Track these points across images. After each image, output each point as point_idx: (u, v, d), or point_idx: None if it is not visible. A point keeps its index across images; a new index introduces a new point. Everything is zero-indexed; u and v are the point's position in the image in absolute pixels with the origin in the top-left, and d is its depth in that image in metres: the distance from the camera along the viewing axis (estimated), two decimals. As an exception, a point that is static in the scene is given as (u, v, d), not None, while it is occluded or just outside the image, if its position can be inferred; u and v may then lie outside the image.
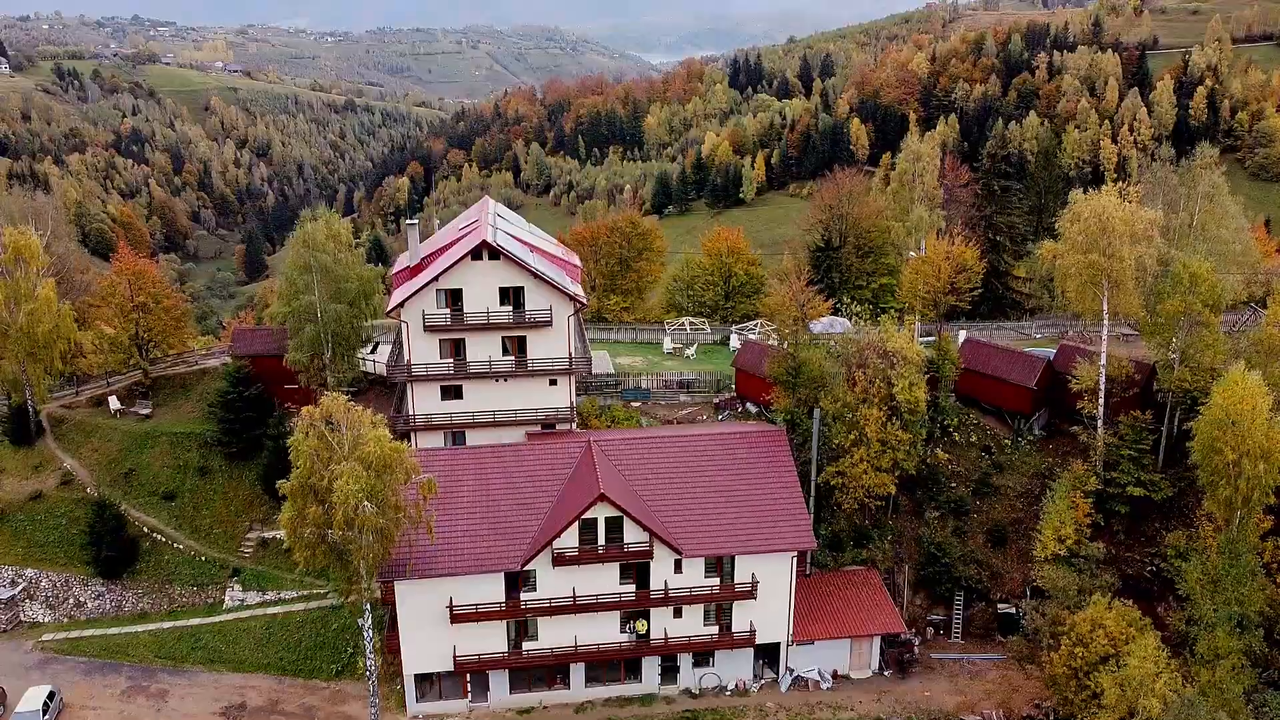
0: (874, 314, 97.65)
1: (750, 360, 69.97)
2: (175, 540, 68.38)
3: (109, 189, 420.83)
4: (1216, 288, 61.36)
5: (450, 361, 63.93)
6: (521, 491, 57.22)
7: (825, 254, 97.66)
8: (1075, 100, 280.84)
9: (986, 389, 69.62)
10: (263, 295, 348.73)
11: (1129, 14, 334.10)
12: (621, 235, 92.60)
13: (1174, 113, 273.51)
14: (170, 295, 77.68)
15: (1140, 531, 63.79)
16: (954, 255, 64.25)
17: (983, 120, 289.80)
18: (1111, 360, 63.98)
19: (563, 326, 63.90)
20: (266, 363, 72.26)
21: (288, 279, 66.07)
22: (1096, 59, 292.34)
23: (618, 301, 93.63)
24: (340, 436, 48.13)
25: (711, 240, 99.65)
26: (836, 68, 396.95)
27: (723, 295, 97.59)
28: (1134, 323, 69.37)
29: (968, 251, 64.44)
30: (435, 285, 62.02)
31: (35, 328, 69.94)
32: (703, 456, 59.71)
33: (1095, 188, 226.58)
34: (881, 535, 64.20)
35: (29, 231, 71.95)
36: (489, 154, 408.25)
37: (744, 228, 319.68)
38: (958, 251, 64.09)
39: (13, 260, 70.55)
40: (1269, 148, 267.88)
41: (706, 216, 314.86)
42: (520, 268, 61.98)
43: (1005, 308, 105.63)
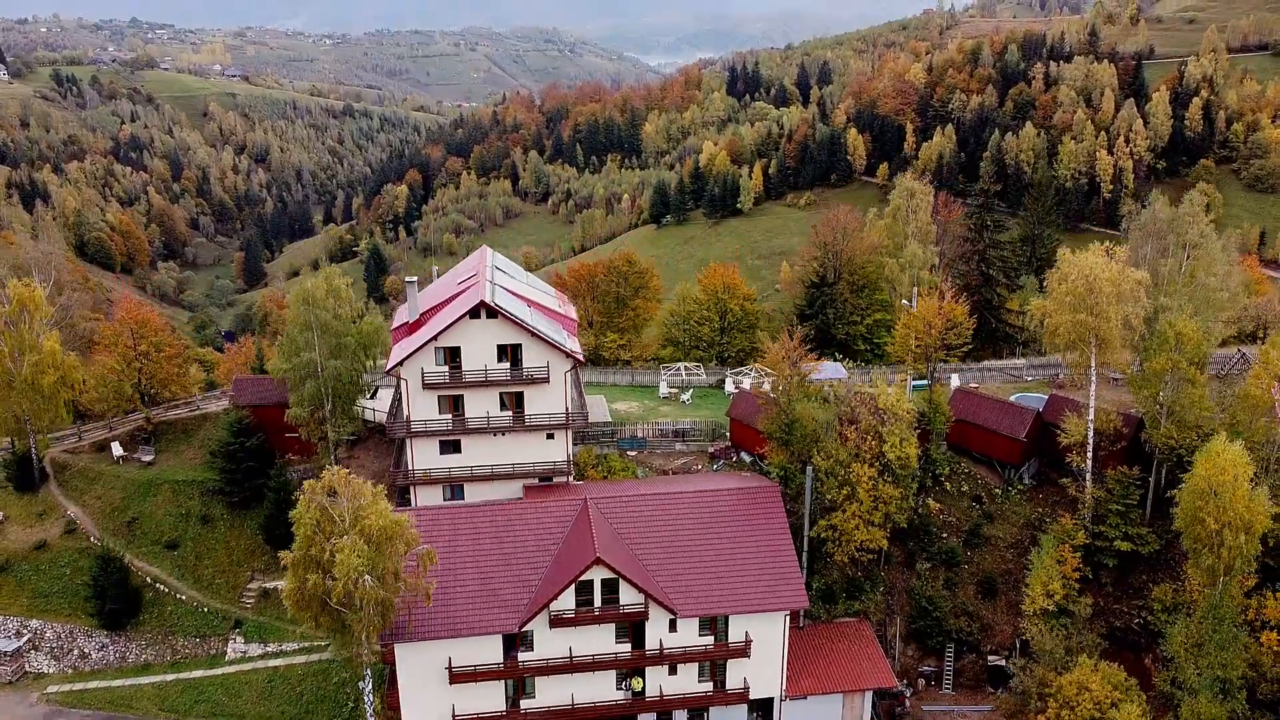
0: (868, 349, 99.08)
1: (744, 411, 70.97)
2: (178, 590, 69.39)
3: (108, 197, 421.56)
4: (1202, 346, 62.41)
5: (449, 417, 64.84)
6: (519, 551, 58.19)
7: (820, 289, 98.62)
8: (1072, 111, 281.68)
9: (977, 439, 70.64)
10: (261, 304, 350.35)
11: (1125, 23, 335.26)
12: (618, 274, 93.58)
13: (1170, 124, 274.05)
14: (172, 343, 78.51)
15: (1128, 583, 64.84)
16: (945, 311, 65.28)
17: (979, 131, 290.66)
18: (1100, 414, 65.00)
19: (560, 382, 64.84)
20: (267, 412, 73.26)
21: (288, 336, 66.99)
22: (1093, 70, 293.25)
23: (614, 339, 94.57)
24: (341, 509, 49.10)
25: (707, 276, 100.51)
26: (834, 75, 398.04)
27: (718, 331, 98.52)
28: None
29: (958, 309, 65.46)
30: (434, 343, 62.96)
31: (40, 379, 70.91)
32: (697, 514, 60.68)
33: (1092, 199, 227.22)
34: (874, 587, 65.23)
35: (32, 283, 72.86)
36: (487, 162, 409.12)
37: (742, 238, 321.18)
38: (948, 308, 65.13)
39: (17, 312, 71.46)
40: (1264, 159, 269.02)
41: (705, 227, 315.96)
42: (518, 326, 62.93)
43: (998, 340, 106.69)
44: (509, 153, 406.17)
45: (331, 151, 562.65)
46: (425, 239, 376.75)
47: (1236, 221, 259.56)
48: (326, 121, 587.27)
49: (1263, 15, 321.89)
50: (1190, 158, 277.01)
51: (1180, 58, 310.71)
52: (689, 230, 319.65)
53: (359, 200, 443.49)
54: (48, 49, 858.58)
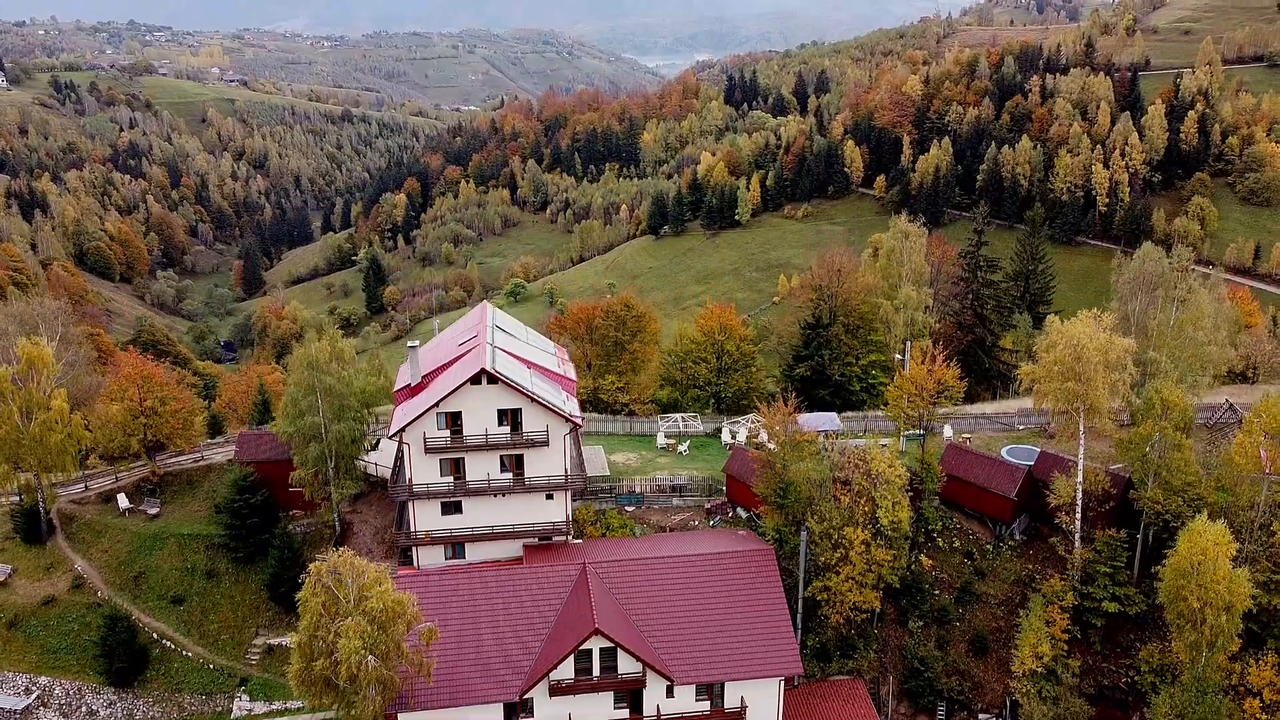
0: (863, 390, 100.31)
1: (740, 468, 72.25)
2: (184, 647, 70.63)
3: (107, 205, 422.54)
4: (1188, 412, 63.74)
5: (450, 479, 66.16)
6: (519, 618, 59.44)
7: (815, 331, 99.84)
8: (1068, 124, 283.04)
9: (969, 495, 71.92)
10: (260, 314, 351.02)
11: (1121, 34, 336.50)
12: (616, 318, 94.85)
13: (1165, 137, 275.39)
14: (178, 396, 79.66)
15: (1116, 641, 66.17)
16: (936, 374, 66.60)
17: (976, 144, 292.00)
18: (1088, 474, 66.30)
19: (559, 445, 66.14)
20: (271, 467, 74.48)
21: (292, 399, 68.17)
22: (1089, 82, 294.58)
23: (613, 380, 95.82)
24: (346, 589, 50.38)
25: (704, 317, 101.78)
26: (832, 83, 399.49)
27: (715, 372, 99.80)
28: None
29: (949, 372, 66.78)
30: (436, 409, 64.20)
31: (48, 437, 72.06)
32: (694, 579, 61.97)
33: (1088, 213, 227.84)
34: (867, 645, 66.55)
35: (41, 341, 74.01)
36: (486, 170, 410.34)
37: (740, 250, 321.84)
38: (939, 372, 66.45)
39: (26, 370, 72.60)
40: (1259, 172, 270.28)
41: (703, 238, 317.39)
42: (518, 392, 64.17)
43: (992, 378, 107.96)
44: (507, 161, 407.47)
45: (330, 157, 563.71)
46: (424, 248, 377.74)
47: (1232, 235, 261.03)
48: (325, 127, 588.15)
49: (1258, 27, 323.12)
50: (1186, 170, 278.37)
51: (1176, 69, 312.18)
52: (687, 241, 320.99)
53: (358, 208, 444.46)
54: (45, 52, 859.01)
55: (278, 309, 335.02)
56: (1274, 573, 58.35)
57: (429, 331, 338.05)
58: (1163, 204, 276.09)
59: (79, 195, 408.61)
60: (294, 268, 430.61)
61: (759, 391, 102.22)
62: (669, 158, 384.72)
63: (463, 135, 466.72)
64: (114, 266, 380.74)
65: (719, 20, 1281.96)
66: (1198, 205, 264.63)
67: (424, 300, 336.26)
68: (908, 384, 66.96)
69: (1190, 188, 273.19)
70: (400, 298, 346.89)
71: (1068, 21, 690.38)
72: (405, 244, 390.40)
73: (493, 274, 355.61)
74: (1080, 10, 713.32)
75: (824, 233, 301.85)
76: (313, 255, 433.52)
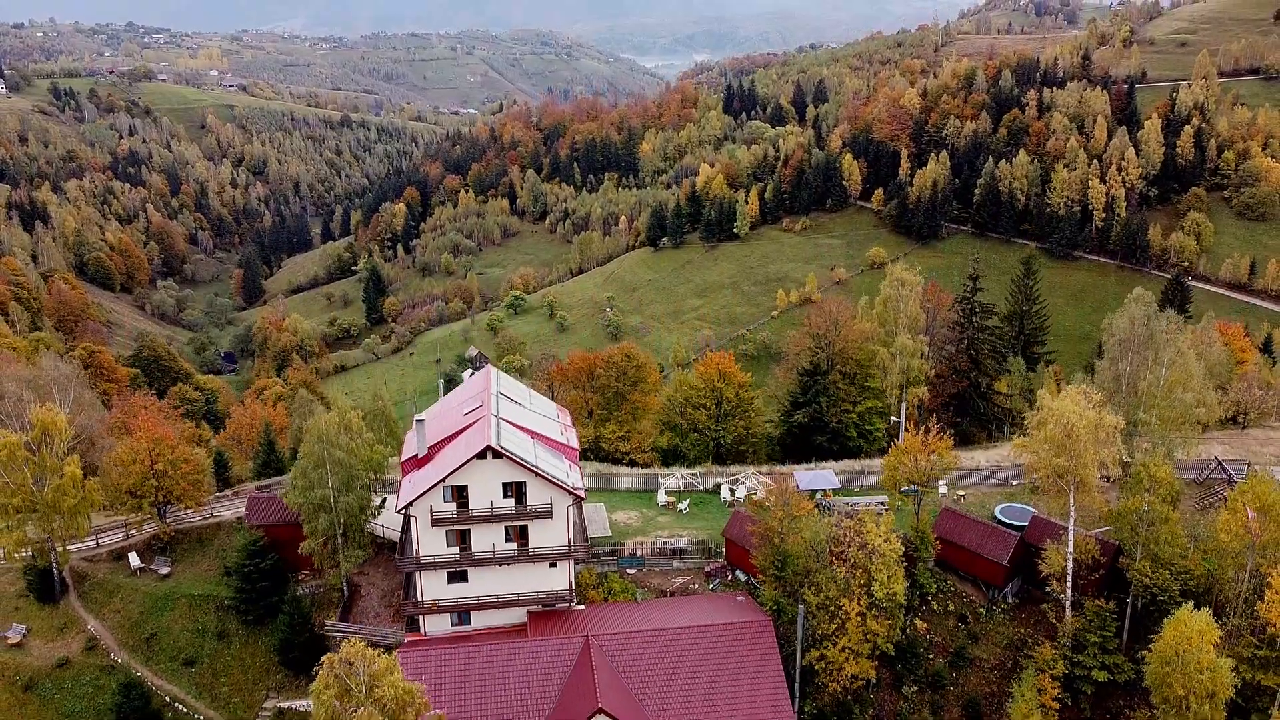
0: (860, 436, 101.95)
1: (739, 532, 73.88)
2: (196, 710, 72.24)
3: (107, 215, 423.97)
4: (1175, 484, 65.42)
5: (456, 549, 67.81)
6: (524, 694, 61.12)
7: (813, 378, 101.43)
8: (1064, 138, 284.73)
9: (962, 559, 73.58)
10: (260, 325, 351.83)
11: (1118, 46, 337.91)
12: (617, 369, 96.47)
13: (1161, 151, 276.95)
14: (189, 458, 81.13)
15: (1106, 708, 67.84)
16: (930, 445, 68.27)
17: (974, 157, 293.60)
18: (1078, 543, 67.96)
19: (562, 515, 67.79)
20: (280, 530, 76.07)
21: (302, 470, 69.72)
22: (1085, 96, 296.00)
23: (614, 429, 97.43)
24: (358, 679, 51.99)
25: (703, 364, 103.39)
26: (830, 93, 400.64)
27: (714, 419, 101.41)
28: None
29: (943, 443, 68.43)
30: (443, 484, 65.82)
31: (61, 502, 73.64)
32: (694, 651, 63.72)
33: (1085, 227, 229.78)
34: (863, 710, 68.20)
35: (54, 408, 75.54)
36: (485, 180, 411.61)
37: (738, 263, 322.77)
38: (933, 444, 68.12)
39: (40, 436, 74.15)
40: (1255, 187, 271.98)
41: (701, 251, 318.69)
42: (522, 466, 65.79)
43: (987, 421, 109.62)
44: (506, 171, 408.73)
45: (329, 163, 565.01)
46: (424, 258, 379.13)
47: (1228, 251, 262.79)
48: (324, 133, 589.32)
49: (1254, 39, 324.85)
50: (1182, 185, 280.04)
51: (1172, 81, 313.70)
52: (686, 254, 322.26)
53: (357, 216, 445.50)
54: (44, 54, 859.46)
55: (278, 321, 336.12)
56: (1257, 648, 60.02)
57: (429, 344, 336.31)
58: (1159, 219, 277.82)
59: (79, 205, 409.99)
60: (294, 276, 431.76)
61: (757, 437, 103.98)
62: (667, 167, 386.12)
63: (462, 144, 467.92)
64: (114, 277, 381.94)
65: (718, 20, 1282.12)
66: (1194, 221, 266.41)
67: (424, 312, 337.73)
68: (904, 457, 68.60)
69: (1186, 202, 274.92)
70: (400, 309, 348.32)
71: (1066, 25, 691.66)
72: (405, 253, 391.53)
73: (492, 284, 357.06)
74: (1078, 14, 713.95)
75: (822, 246, 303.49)
76: (313, 264, 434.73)
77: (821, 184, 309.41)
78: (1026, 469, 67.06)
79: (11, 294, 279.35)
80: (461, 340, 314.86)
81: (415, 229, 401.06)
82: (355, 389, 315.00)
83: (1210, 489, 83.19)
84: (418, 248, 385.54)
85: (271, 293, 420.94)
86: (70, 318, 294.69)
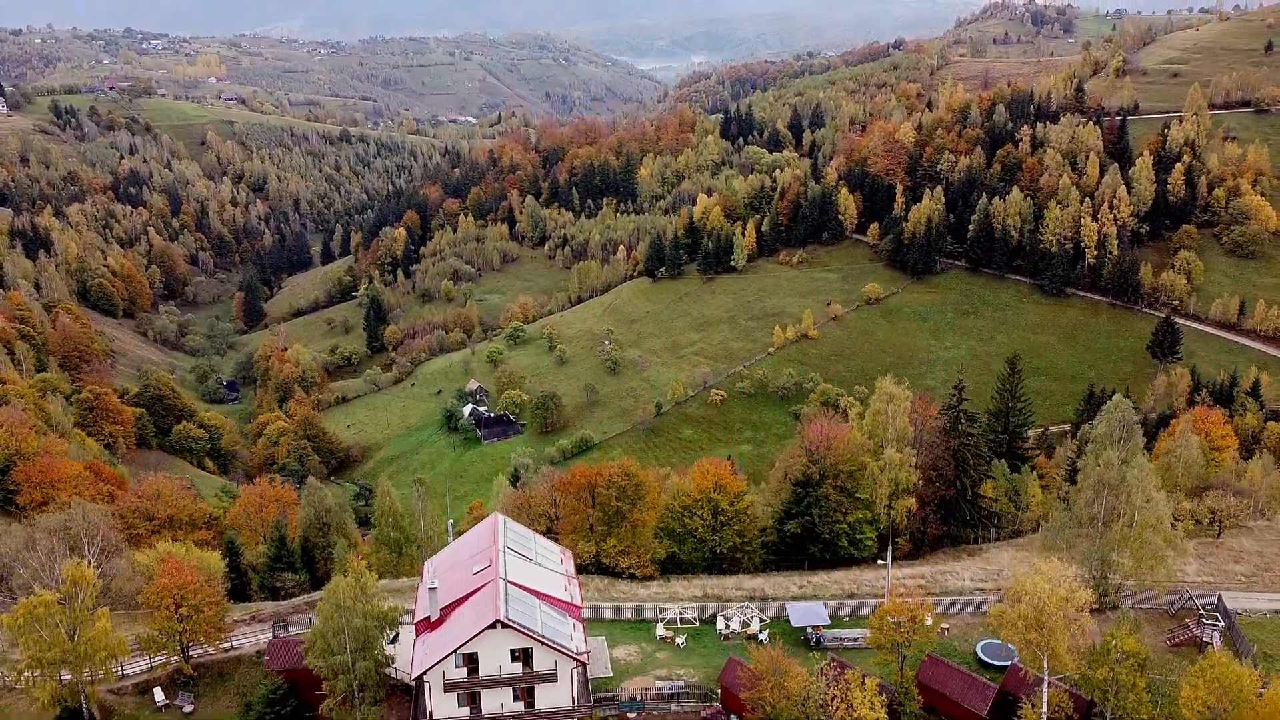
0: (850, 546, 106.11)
1: (733, 679, 77.95)
2: None
3: (109, 239, 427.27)
4: (1143, 653, 69.69)
5: (467, 710, 71.97)
6: None
7: (806, 489, 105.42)
8: (1057, 175, 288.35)
9: (945, 705, 77.67)
10: (262, 352, 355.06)
11: (1111, 77, 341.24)
12: (617, 487, 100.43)
13: (1153, 189, 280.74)
14: (212, 601, 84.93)
15: None
16: (913, 608, 72.51)
17: (968, 192, 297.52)
18: (1052, 699, 72.23)
19: (566, 677, 71.99)
20: (300, 673, 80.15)
21: (321, 635, 73.70)
22: (1079, 132, 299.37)
23: (614, 544, 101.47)
24: None
25: (699, 475, 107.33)
26: (826, 117, 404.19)
27: (711, 529, 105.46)
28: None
29: (924, 609, 72.57)
30: (455, 653, 69.99)
31: (93, 653, 77.74)
32: (690, 813, 68.09)
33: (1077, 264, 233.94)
34: None
35: (82, 564, 79.55)
36: (484, 204, 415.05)
37: (735, 297, 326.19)
38: (915, 608, 72.35)
39: (71, 590, 78.19)
40: (1244, 225, 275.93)
41: (699, 283, 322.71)
42: (529, 636, 69.98)
43: (974, 525, 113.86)
44: (505, 195, 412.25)
45: (329, 178, 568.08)
46: (424, 284, 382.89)
47: (1218, 290, 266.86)
48: (323, 148, 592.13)
49: (1246, 70, 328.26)
50: (1173, 221, 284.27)
51: (1164, 114, 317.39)
52: (683, 285, 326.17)
53: (357, 238, 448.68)
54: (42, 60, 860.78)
55: (280, 352, 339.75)
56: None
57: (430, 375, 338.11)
58: (1151, 255, 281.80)
59: (81, 230, 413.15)
60: (294, 299, 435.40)
61: (753, 546, 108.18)
62: (665, 193, 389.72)
63: (461, 166, 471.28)
64: (117, 303, 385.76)
65: (716, 22, 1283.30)
66: (1184, 259, 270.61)
67: (424, 341, 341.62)
68: (888, 622, 72.84)
69: (1177, 240, 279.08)
70: (401, 337, 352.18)
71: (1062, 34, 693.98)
72: (405, 278, 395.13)
73: (492, 312, 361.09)
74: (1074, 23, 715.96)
75: (818, 280, 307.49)
76: (313, 286, 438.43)
77: (818, 217, 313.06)
78: (1003, 636, 71.20)
79: (17, 331, 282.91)
80: (462, 372, 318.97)
81: (415, 253, 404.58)
82: (357, 421, 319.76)
83: (1182, 622, 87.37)
84: (417, 273, 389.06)
85: (272, 315, 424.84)
86: (75, 353, 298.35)
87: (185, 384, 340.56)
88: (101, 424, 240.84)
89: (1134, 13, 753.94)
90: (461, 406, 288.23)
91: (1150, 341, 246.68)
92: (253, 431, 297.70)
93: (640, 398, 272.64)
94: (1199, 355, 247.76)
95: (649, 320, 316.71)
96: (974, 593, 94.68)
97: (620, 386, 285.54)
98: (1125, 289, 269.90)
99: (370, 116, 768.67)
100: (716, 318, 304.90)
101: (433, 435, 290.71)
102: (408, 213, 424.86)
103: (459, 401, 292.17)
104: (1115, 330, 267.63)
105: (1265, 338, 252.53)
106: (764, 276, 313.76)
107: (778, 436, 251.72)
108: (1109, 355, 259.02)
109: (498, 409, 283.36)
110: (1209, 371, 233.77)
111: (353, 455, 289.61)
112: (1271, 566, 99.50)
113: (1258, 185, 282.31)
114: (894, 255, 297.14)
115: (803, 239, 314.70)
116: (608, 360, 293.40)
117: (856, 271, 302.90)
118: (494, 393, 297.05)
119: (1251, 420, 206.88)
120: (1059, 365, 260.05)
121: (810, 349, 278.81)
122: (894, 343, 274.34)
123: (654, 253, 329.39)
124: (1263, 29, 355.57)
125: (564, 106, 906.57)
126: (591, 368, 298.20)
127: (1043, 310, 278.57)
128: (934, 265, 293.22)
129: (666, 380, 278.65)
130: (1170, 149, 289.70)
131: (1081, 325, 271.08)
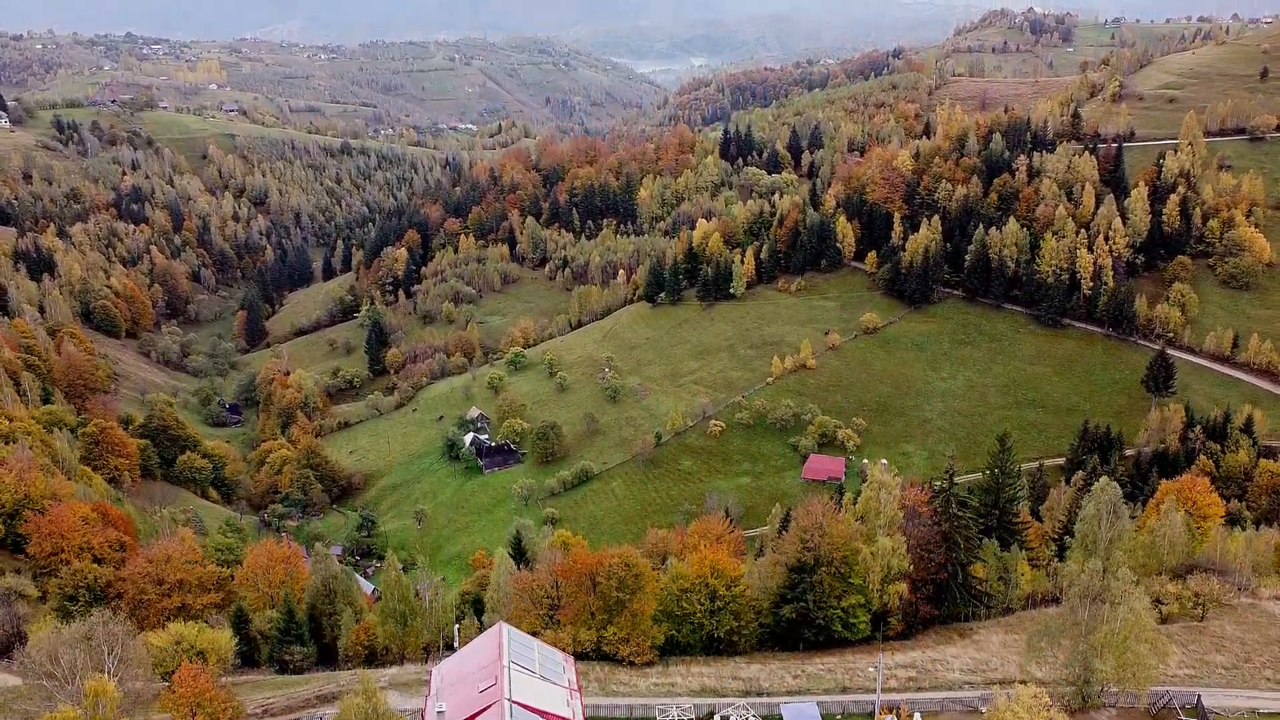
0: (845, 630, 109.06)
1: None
2: None
3: (111, 258, 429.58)
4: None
5: (472, 824, 75.06)
6: None
7: (801, 574, 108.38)
8: (1054, 206, 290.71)
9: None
10: (264, 374, 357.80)
11: (1107, 103, 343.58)
12: (617, 578, 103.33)
13: (1148, 219, 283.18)
14: (227, 705, 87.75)
15: None
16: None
17: (965, 222, 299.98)
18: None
19: (568, 796, 75.08)
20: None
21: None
22: (1074, 163, 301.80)
23: (614, 632, 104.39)
24: None
25: (695, 562, 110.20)
26: (825, 138, 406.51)
27: (709, 613, 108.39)
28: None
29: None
30: (461, 776, 73.03)
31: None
32: None
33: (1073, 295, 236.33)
34: None
35: (103, 678, 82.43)
36: (485, 224, 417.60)
37: (734, 324, 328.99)
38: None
39: (94, 704, 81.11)
40: (1238, 257, 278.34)
41: (698, 309, 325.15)
42: (531, 759, 73.00)
43: (965, 605, 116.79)
44: (506, 215, 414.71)
45: (330, 191, 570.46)
46: (425, 305, 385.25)
47: (1212, 322, 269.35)
48: (324, 161, 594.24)
49: (1241, 97, 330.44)
50: (1168, 252, 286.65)
51: (1160, 141, 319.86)
52: (683, 312, 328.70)
53: (359, 256, 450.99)
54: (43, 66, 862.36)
55: (281, 377, 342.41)
56: None
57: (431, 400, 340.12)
58: (1146, 286, 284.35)
59: (84, 250, 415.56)
60: (296, 317, 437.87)
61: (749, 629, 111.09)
62: (665, 214, 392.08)
63: (462, 184, 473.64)
64: (120, 324, 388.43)
65: (715, 24, 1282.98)
66: (1179, 291, 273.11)
67: (426, 366, 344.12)
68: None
69: (1172, 271, 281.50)
70: (402, 360, 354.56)
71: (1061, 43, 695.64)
72: (406, 298, 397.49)
73: (493, 334, 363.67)
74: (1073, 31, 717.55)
75: (817, 309, 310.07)
76: (314, 305, 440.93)
77: (816, 245, 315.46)
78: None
79: (23, 362, 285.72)
80: (463, 397, 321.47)
81: (416, 273, 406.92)
82: (360, 447, 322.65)
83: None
84: (419, 293, 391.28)
85: (274, 334, 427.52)
86: (79, 381, 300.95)
87: (188, 407, 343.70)
88: (107, 458, 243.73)
89: (1133, 21, 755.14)
90: (463, 435, 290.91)
91: (1145, 375, 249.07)
92: (256, 459, 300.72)
93: (640, 427, 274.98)
94: (1193, 389, 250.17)
95: (648, 347, 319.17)
96: (963, 686, 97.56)
97: (620, 415, 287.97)
98: (1120, 320, 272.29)
99: (371, 124, 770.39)
100: (716, 345, 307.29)
101: (434, 464, 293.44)
102: (409, 232, 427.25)
103: (460, 430, 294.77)
104: (1110, 362, 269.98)
105: (1259, 371, 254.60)
106: (763, 304, 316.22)
107: (776, 469, 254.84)
108: (1104, 388, 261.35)
109: (499, 437, 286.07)
110: (1203, 405, 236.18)
111: (355, 483, 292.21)
112: (1252, 657, 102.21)
113: (1252, 216, 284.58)
114: (891, 284, 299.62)
115: (801, 266, 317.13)
116: (608, 388, 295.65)
117: (854, 300, 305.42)
118: (495, 420, 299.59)
119: (1244, 457, 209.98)
120: (1054, 398, 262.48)
121: (808, 379, 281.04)
122: (891, 373, 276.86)
123: (654, 278, 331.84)
124: (1258, 54, 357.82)
125: (564, 112, 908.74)
126: (591, 395, 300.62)
127: (1039, 341, 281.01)
128: (931, 294, 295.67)
129: (666, 409, 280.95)
130: (1166, 179, 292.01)
131: (1077, 357, 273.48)
